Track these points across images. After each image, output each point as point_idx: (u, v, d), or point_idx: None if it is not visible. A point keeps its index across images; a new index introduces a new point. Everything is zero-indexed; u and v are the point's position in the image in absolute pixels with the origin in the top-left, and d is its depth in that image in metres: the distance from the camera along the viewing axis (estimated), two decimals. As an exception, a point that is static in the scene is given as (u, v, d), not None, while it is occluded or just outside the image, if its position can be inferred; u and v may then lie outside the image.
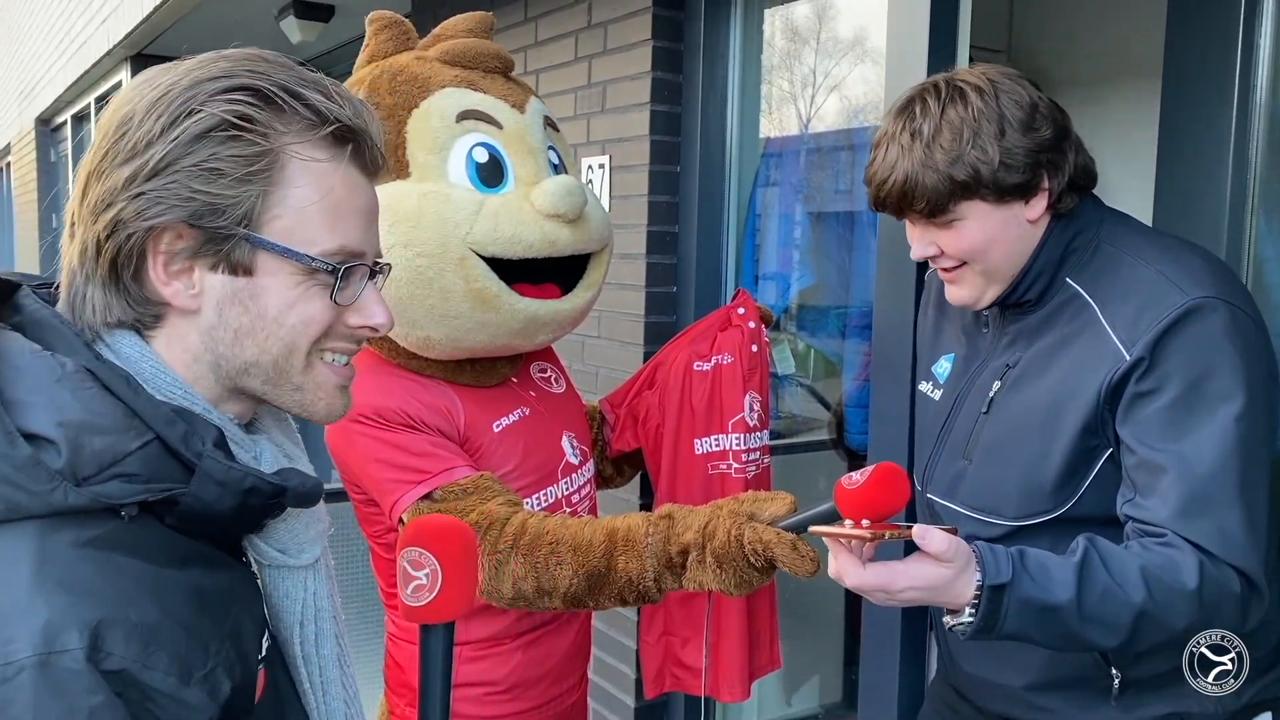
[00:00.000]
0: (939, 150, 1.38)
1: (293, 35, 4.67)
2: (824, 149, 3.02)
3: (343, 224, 0.94)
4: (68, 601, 0.77)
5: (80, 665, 0.75)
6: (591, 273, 1.80)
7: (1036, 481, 1.42)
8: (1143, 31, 3.04)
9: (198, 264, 0.90)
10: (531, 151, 1.73)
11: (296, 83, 0.91)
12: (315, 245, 0.92)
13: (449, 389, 1.73)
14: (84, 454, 0.81)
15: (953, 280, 1.50)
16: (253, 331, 0.92)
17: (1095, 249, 1.45)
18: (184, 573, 0.86)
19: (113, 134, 0.89)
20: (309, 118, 0.91)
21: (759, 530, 1.45)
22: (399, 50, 1.79)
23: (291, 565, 0.99)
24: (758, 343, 2.06)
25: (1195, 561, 1.27)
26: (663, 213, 2.83)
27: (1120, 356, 1.35)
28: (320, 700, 1.02)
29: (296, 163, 0.91)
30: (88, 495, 0.81)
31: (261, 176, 0.89)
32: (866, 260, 2.87)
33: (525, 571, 1.56)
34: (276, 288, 0.92)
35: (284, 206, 0.90)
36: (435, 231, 1.62)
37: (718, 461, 2.03)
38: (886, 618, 2.03)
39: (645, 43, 2.76)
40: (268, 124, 0.89)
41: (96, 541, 0.82)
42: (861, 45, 2.88)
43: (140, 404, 0.85)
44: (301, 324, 0.93)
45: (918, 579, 1.24)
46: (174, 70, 0.90)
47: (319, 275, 0.93)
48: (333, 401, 0.99)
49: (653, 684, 2.21)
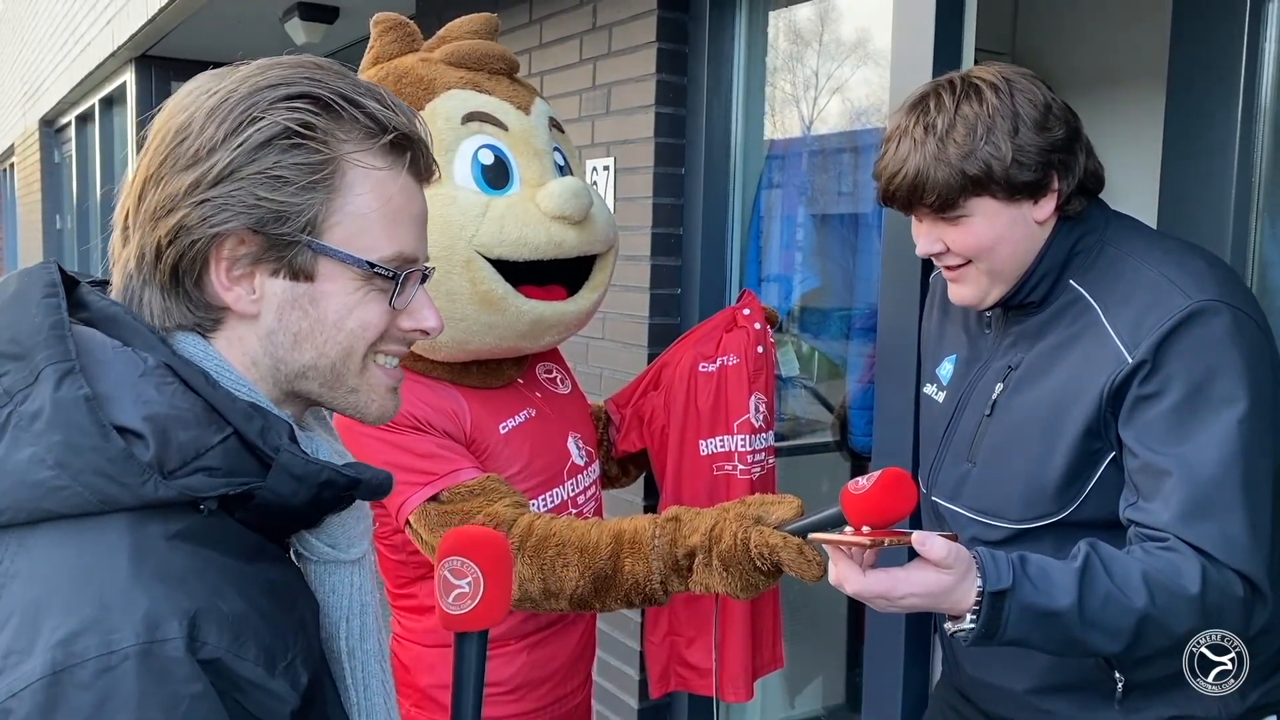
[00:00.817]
0: (952, 145, 1.38)
1: (297, 37, 4.67)
2: (828, 151, 3.02)
3: (400, 230, 0.96)
4: (165, 592, 0.79)
5: (181, 654, 0.77)
6: (597, 274, 1.81)
7: (1039, 484, 1.42)
8: (1147, 34, 3.04)
9: (259, 270, 0.91)
10: (537, 153, 1.73)
11: (353, 90, 0.92)
12: (375, 251, 0.94)
13: (455, 391, 1.73)
14: (171, 447, 0.82)
15: (956, 279, 1.50)
16: (312, 335, 0.94)
17: (1100, 251, 1.45)
18: (256, 566, 0.88)
19: (171, 140, 0.89)
20: (368, 126, 0.93)
21: (765, 534, 1.45)
22: (404, 52, 1.80)
23: (341, 560, 0.99)
24: (763, 344, 2.07)
25: (1198, 566, 1.26)
26: (667, 215, 2.83)
27: (1123, 359, 1.34)
28: (361, 696, 1.02)
29: (357, 170, 0.92)
30: (176, 488, 0.82)
31: (324, 184, 0.91)
32: (871, 262, 2.87)
33: (532, 573, 1.56)
34: (336, 293, 0.93)
35: (345, 213, 0.92)
36: (441, 234, 1.62)
37: (723, 462, 2.04)
38: (890, 620, 2.03)
39: (650, 45, 2.77)
40: (329, 132, 0.91)
41: (183, 534, 0.83)
42: (866, 47, 2.88)
43: (219, 399, 0.87)
44: (360, 328, 0.95)
45: (918, 586, 1.24)
46: (230, 77, 0.91)
47: (377, 281, 0.94)
48: (385, 403, 1.01)
49: (658, 684, 2.22)
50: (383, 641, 1.07)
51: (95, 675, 0.74)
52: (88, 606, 0.77)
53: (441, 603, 0.96)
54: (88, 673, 0.74)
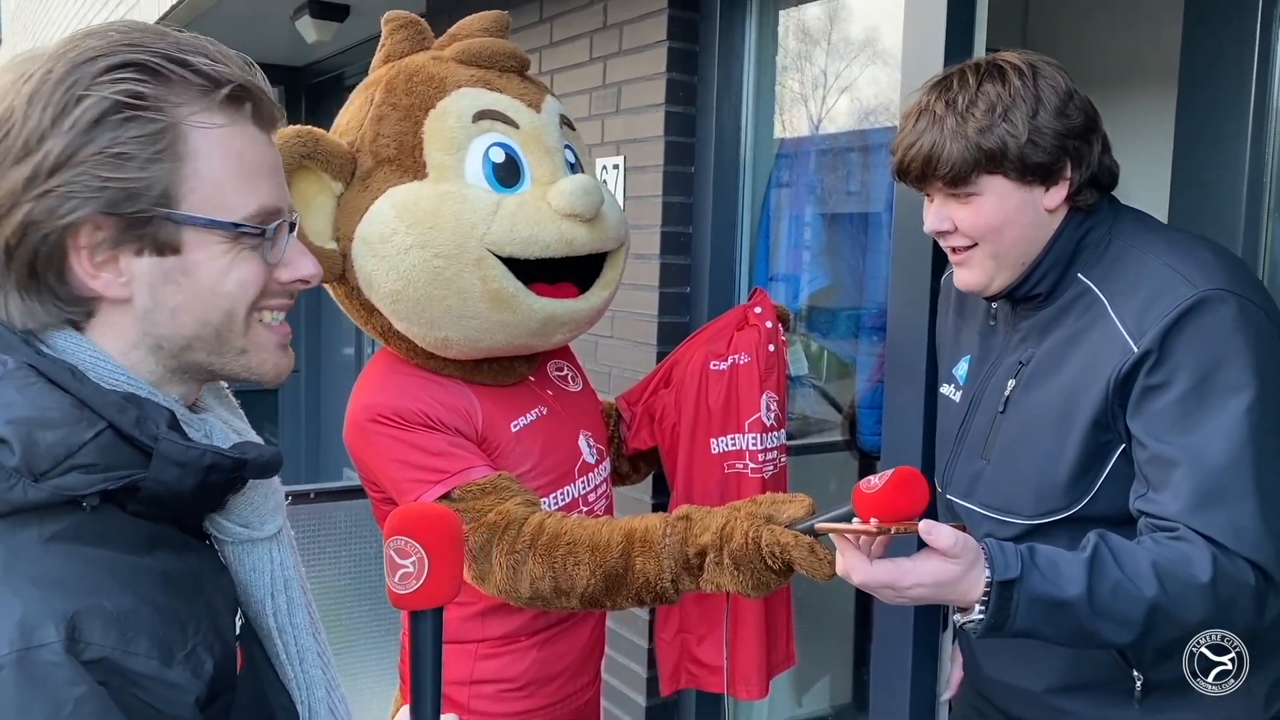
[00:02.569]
0: (971, 120, 1.40)
1: (308, 35, 4.68)
2: (838, 150, 3.01)
3: (257, 184, 0.93)
4: (40, 596, 0.78)
5: (60, 657, 0.76)
6: (608, 272, 1.81)
7: (1051, 478, 1.42)
8: (1158, 33, 3.03)
9: (121, 252, 0.88)
10: (548, 151, 1.73)
11: (177, 50, 0.89)
12: (237, 210, 0.91)
13: (467, 389, 1.73)
14: (38, 449, 0.81)
15: (962, 263, 1.50)
16: (189, 306, 0.92)
17: (1107, 245, 1.45)
18: (152, 557, 0.87)
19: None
20: (200, 84, 0.89)
21: (776, 532, 1.45)
22: (415, 50, 1.80)
23: (255, 538, 0.99)
24: (774, 342, 2.06)
25: (1208, 555, 1.25)
26: (677, 213, 2.83)
27: (1128, 349, 1.34)
28: (298, 669, 1.02)
29: (198, 132, 0.89)
30: (47, 489, 0.81)
31: (168, 153, 0.87)
32: (880, 261, 2.87)
33: (543, 571, 1.56)
34: (206, 260, 0.91)
35: (197, 179, 0.89)
36: (452, 232, 1.62)
37: (734, 461, 2.03)
38: (898, 618, 2.03)
39: (660, 44, 2.77)
40: (160, 98, 0.87)
41: (61, 535, 0.82)
42: (877, 46, 2.87)
43: (88, 394, 0.85)
44: (239, 289, 0.93)
45: (925, 575, 1.24)
46: (40, 58, 0.88)
47: (245, 239, 0.92)
48: (278, 361, 0.99)
49: (668, 681, 2.22)
50: (313, 613, 1.07)
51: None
52: None
53: (389, 582, 0.96)
54: None
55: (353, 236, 1.66)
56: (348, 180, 1.68)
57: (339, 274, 1.70)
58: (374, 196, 1.65)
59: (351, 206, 1.67)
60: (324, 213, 1.68)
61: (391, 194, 1.65)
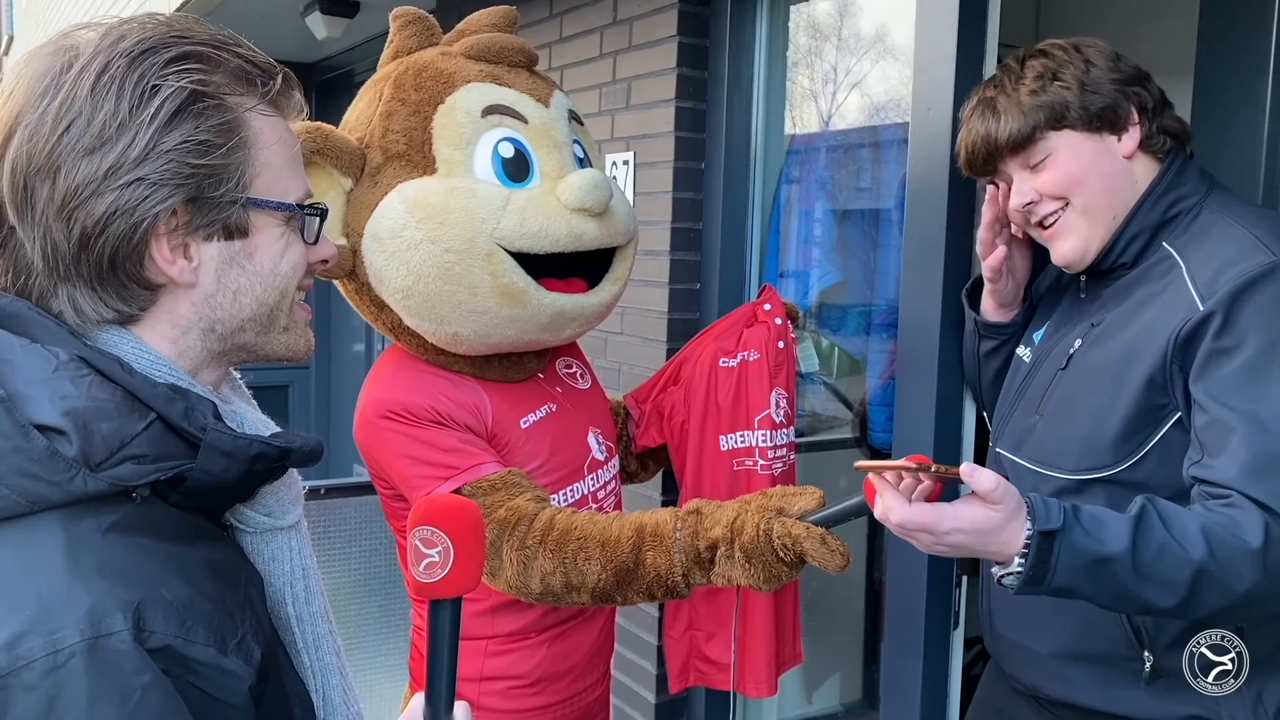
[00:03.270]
0: (1022, 89, 1.45)
1: (318, 31, 4.68)
2: (849, 146, 3.00)
3: (300, 170, 0.99)
4: (106, 585, 0.79)
5: (128, 646, 0.77)
6: (617, 267, 1.80)
7: (1098, 434, 1.40)
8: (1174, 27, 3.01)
9: (194, 238, 0.91)
10: (557, 145, 1.73)
11: (220, 41, 0.93)
12: (292, 194, 0.97)
13: (477, 385, 1.73)
14: (94, 440, 0.82)
15: (1056, 233, 1.50)
16: (251, 288, 0.96)
17: (1196, 214, 1.45)
18: (195, 548, 0.88)
19: (51, 125, 0.86)
20: (255, 74, 0.94)
21: (788, 525, 1.45)
22: (423, 46, 1.80)
23: (277, 527, 1.00)
24: (784, 339, 2.06)
25: (1260, 521, 1.22)
26: (687, 209, 2.83)
27: (1194, 307, 1.33)
28: (314, 657, 1.03)
29: (259, 119, 0.94)
30: (105, 480, 0.82)
31: (241, 140, 0.91)
32: (891, 258, 2.86)
33: (554, 567, 1.56)
34: (267, 242, 0.96)
35: (260, 164, 0.94)
36: (462, 227, 1.62)
37: (743, 458, 2.03)
38: (909, 615, 2.03)
39: (670, 39, 2.76)
40: (223, 87, 0.91)
41: (118, 525, 0.83)
42: (888, 41, 2.86)
43: (137, 385, 0.86)
44: (292, 269, 0.99)
45: (965, 521, 1.21)
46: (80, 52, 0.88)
47: (293, 222, 0.98)
48: (308, 337, 1.05)
49: (677, 679, 2.22)
50: (326, 603, 1.08)
51: (43, 675, 0.74)
52: (28, 608, 0.76)
53: (413, 571, 0.97)
54: (34, 674, 0.74)
55: (363, 232, 1.66)
56: (357, 176, 1.68)
57: (349, 270, 1.70)
58: (384, 192, 1.65)
59: (361, 202, 1.67)
60: (334, 209, 1.68)
61: (401, 189, 1.64)
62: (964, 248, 1.96)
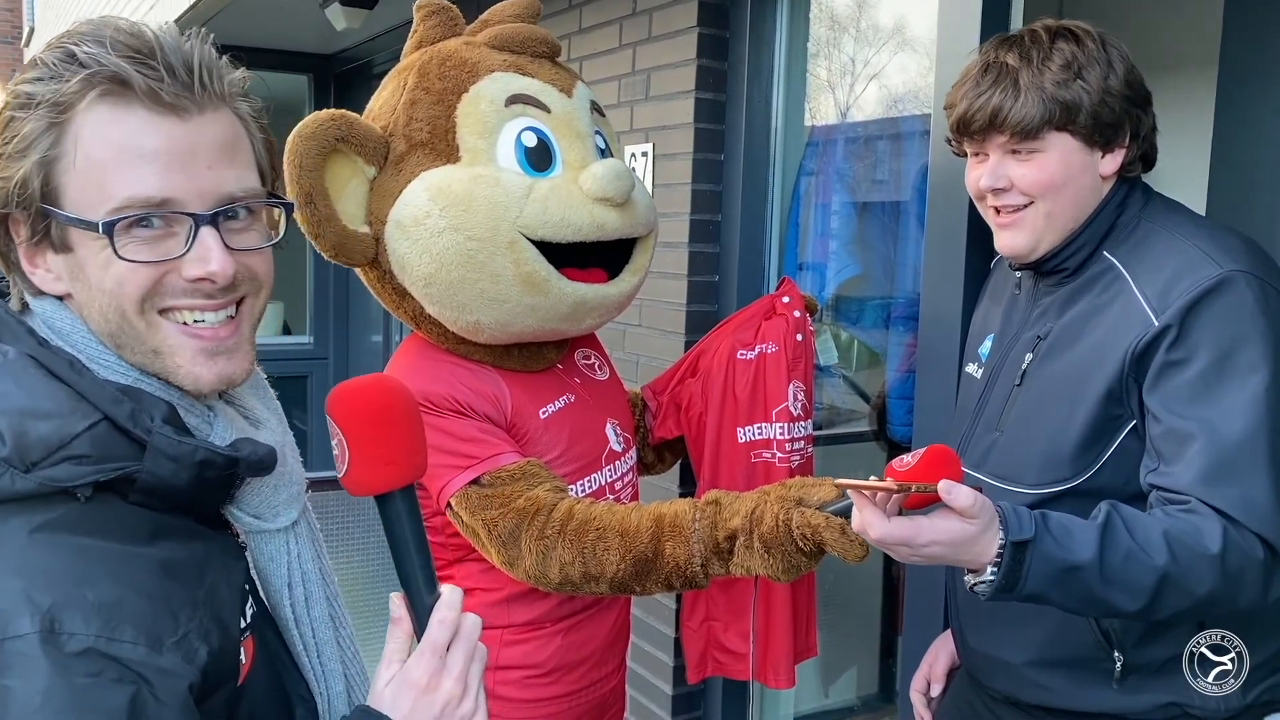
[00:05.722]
0: (1048, 73, 1.41)
1: (337, 23, 4.69)
2: (869, 137, 2.99)
3: (129, 174, 0.87)
4: (21, 587, 0.78)
5: (34, 649, 0.76)
6: (638, 257, 1.81)
7: (1058, 448, 1.42)
8: (1197, 21, 2.98)
9: (38, 249, 0.91)
10: (579, 136, 1.74)
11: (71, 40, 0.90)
12: (104, 205, 0.87)
13: (496, 375, 1.74)
14: (29, 440, 0.82)
15: (1010, 224, 1.49)
16: (90, 304, 0.91)
17: (1136, 225, 1.46)
18: (151, 547, 0.87)
19: None
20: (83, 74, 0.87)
21: (807, 515, 1.45)
22: (447, 36, 1.81)
23: (268, 529, 0.99)
24: (802, 331, 2.05)
25: (1219, 527, 1.26)
26: (706, 201, 2.82)
27: (1149, 322, 1.35)
28: (315, 662, 1.02)
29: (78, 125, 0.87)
30: (36, 480, 0.81)
31: (39, 147, 0.87)
32: (910, 250, 2.84)
33: (573, 557, 1.57)
34: (90, 257, 0.89)
35: (70, 174, 0.87)
36: (486, 215, 1.62)
37: (761, 450, 2.03)
38: (927, 607, 2.02)
39: (690, 29, 2.75)
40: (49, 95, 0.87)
41: (49, 525, 0.82)
42: (909, 33, 2.85)
43: (85, 386, 0.86)
44: (116, 286, 0.89)
45: (942, 534, 1.24)
46: None
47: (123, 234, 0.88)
48: (196, 369, 0.92)
49: (695, 669, 2.22)
50: (337, 606, 1.07)
51: None
52: None
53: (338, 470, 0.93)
54: None
55: (385, 220, 1.67)
56: (381, 164, 1.69)
57: (371, 258, 1.71)
58: (407, 180, 1.66)
59: (384, 190, 1.68)
60: (357, 197, 1.68)
61: (425, 177, 1.65)
62: (985, 240, 1.95)
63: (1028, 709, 1.53)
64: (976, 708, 1.64)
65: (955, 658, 1.75)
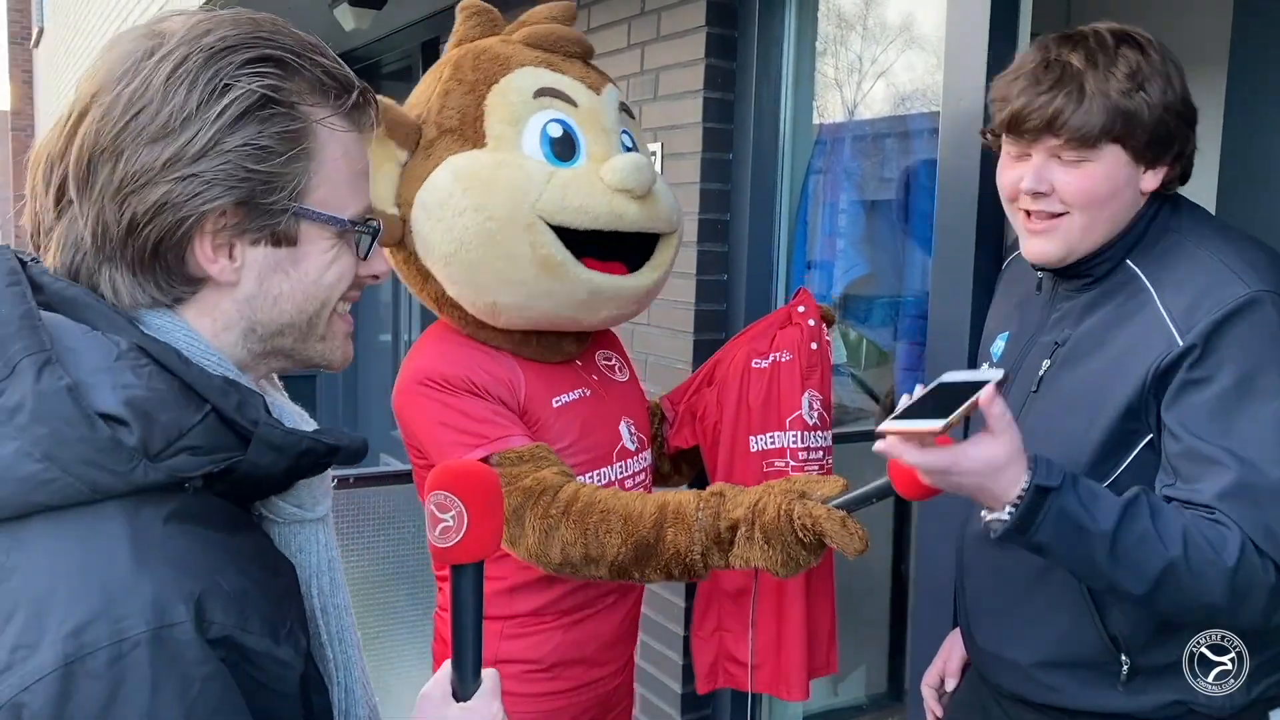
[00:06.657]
0: (1114, 80, 1.35)
1: (346, 23, 4.70)
2: (878, 136, 2.99)
3: (362, 186, 0.99)
4: (170, 575, 0.79)
5: (191, 636, 0.77)
6: (660, 254, 1.84)
7: (1074, 459, 1.40)
8: (1209, 18, 2.98)
9: (240, 240, 0.91)
10: (605, 130, 1.79)
11: (303, 47, 0.92)
12: (347, 210, 0.96)
13: (513, 361, 1.77)
14: (154, 430, 0.82)
15: (1043, 230, 1.44)
16: (292, 295, 0.95)
17: (1163, 235, 1.44)
18: (241, 538, 0.89)
19: (124, 110, 0.86)
20: (332, 86, 0.93)
21: (809, 506, 1.46)
22: (486, 35, 1.87)
23: (306, 519, 1.00)
24: (818, 341, 2.05)
25: (1240, 541, 1.25)
26: (714, 200, 2.82)
27: (1173, 341, 1.33)
28: (338, 650, 1.03)
29: (327, 134, 0.93)
30: (164, 470, 0.82)
31: (304, 152, 0.91)
32: (919, 250, 2.84)
33: (575, 538, 1.59)
34: (316, 253, 0.95)
35: (321, 177, 0.93)
36: (506, 196, 1.67)
37: (774, 459, 2.02)
38: (936, 606, 2.02)
39: (699, 29, 2.76)
40: (296, 94, 0.91)
41: (177, 515, 0.83)
42: (917, 32, 2.85)
43: (194, 377, 0.86)
44: (336, 281, 0.98)
45: (977, 459, 1.24)
46: (165, 39, 0.89)
47: (347, 236, 0.97)
48: (346, 348, 1.04)
49: (705, 679, 2.20)
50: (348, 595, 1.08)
51: (107, 664, 0.75)
52: (94, 596, 0.77)
53: (430, 536, 0.98)
54: (99, 662, 0.75)
55: (413, 202, 1.73)
56: (412, 149, 1.76)
57: (399, 239, 1.76)
58: (435, 164, 1.72)
59: (414, 174, 1.74)
60: (389, 179, 1.75)
61: (451, 161, 1.71)
62: (995, 238, 1.95)
63: (1037, 707, 1.53)
64: (987, 704, 1.64)
65: None
